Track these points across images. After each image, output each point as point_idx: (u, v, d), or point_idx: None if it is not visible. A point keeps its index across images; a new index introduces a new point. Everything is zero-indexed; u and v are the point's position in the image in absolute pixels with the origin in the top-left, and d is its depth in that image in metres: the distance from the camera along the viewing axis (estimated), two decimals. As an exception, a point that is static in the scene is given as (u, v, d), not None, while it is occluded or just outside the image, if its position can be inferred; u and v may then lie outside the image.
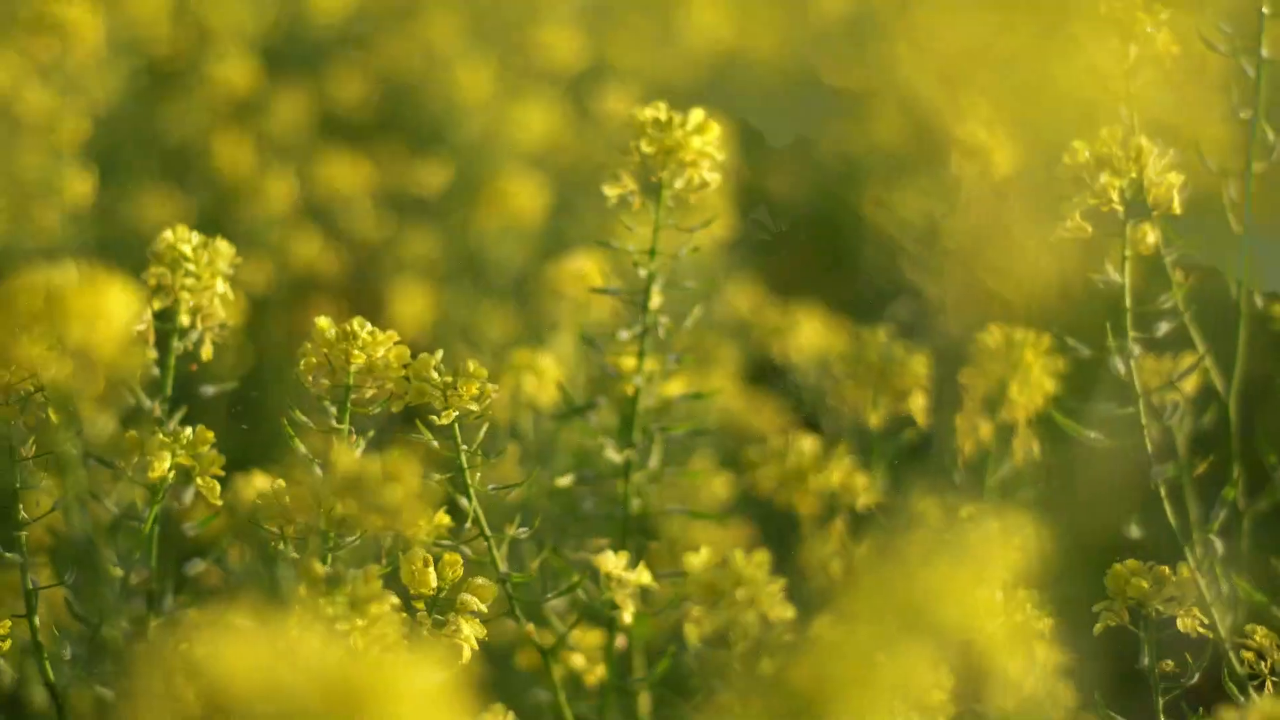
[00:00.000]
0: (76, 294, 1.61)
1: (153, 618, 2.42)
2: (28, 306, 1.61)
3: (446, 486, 2.25)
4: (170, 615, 2.44)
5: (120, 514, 2.38)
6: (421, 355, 2.25)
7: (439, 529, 2.31)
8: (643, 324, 2.47)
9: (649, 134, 2.40)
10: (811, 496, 2.74)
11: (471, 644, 2.16)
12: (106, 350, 1.62)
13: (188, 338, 2.40)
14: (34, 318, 1.61)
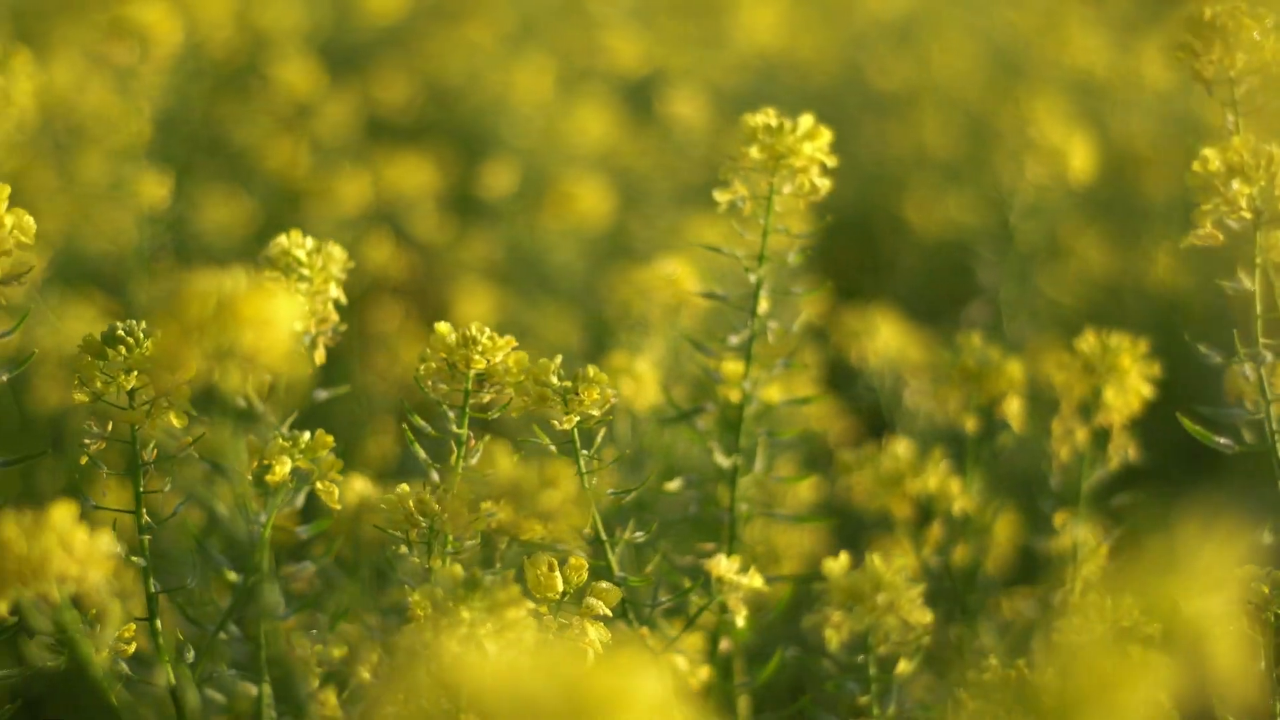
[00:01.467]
0: (247, 301, 1.62)
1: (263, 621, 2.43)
2: (199, 313, 1.61)
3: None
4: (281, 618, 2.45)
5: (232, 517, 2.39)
6: (541, 360, 2.26)
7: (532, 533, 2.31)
8: (751, 329, 2.47)
9: (760, 140, 2.41)
10: (907, 501, 2.75)
11: (596, 648, 2.16)
12: (274, 356, 1.63)
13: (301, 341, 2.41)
14: (204, 324, 1.62)
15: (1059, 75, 5.26)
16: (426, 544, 2.21)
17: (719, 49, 5.12)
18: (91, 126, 3.96)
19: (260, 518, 2.39)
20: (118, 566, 2.13)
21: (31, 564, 1.79)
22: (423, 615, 2.12)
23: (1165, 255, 4.70)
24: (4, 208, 2.08)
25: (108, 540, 1.82)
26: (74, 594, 1.83)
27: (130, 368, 2.15)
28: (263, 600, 2.34)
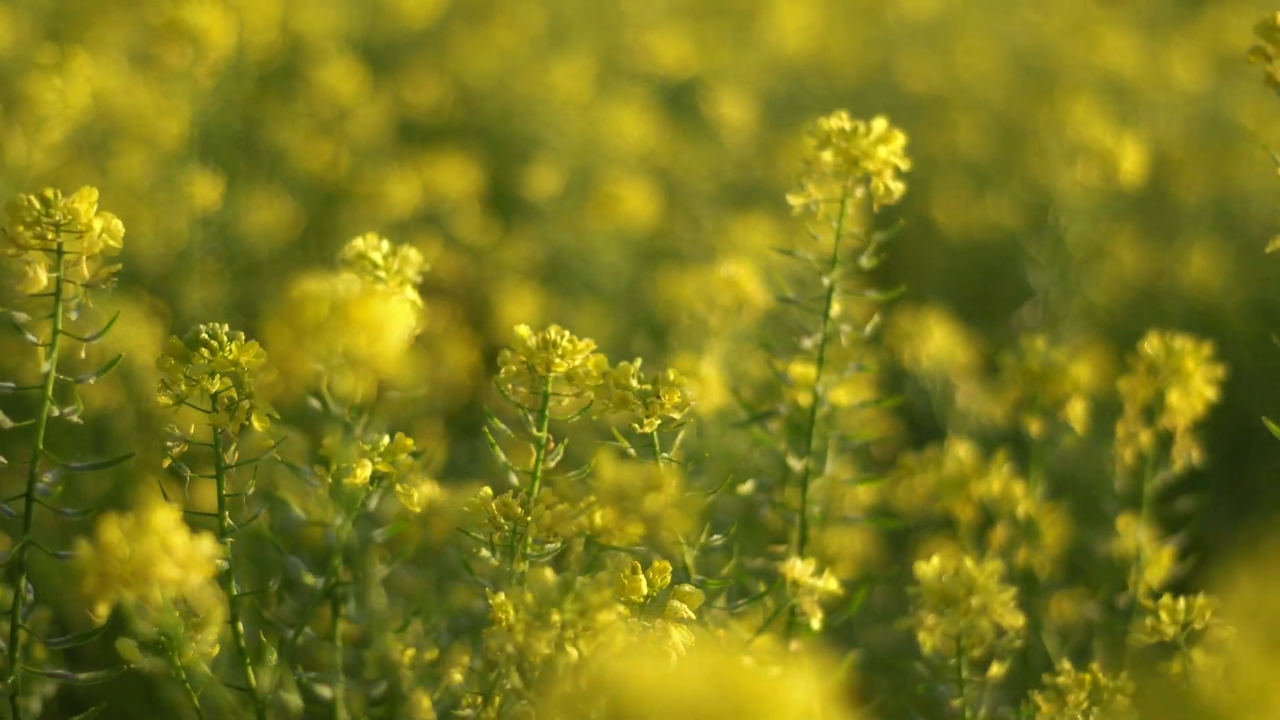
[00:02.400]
0: (361, 305, 1.62)
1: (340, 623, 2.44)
2: (313, 317, 1.62)
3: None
4: (355, 621, 2.46)
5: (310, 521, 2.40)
6: (621, 364, 2.26)
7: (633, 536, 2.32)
8: (824, 332, 2.48)
9: (834, 143, 2.41)
10: (970, 504, 2.76)
11: (680, 650, 2.17)
12: (386, 361, 1.63)
13: (374, 345, 2.42)
14: (317, 328, 1.62)
15: (1090, 77, 5.27)
16: (509, 547, 2.21)
17: (751, 51, 5.12)
18: (135, 128, 3.96)
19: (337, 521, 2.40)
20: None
21: (134, 567, 1.80)
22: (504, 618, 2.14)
23: (1200, 256, 4.71)
24: (93, 211, 2.09)
25: (209, 543, 1.83)
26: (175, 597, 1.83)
27: (214, 371, 2.16)
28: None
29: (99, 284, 2.12)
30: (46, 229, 2.08)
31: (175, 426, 2.21)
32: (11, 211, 2.08)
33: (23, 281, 2.07)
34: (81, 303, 2.13)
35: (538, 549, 2.22)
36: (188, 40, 3.37)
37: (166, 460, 2.20)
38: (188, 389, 2.16)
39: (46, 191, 2.07)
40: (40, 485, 2.13)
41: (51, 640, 2.15)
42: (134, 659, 2.20)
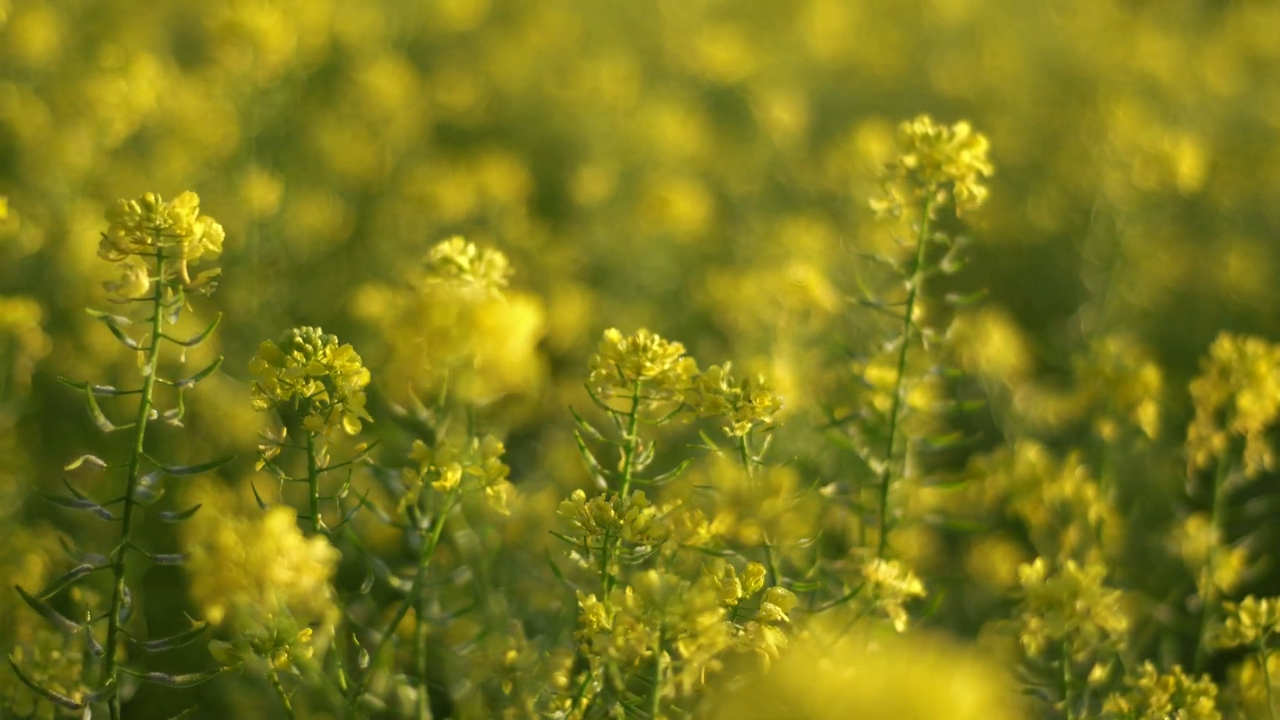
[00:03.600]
0: (488, 311, 1.63)
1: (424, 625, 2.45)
2: (440, 322, 1.63)
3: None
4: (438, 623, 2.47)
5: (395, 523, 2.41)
6: (711, 368, 2.27)
7: (717, 539, 2.33)
8: (904, 336, 2.49)
9: (918, 148, 2.42)
10: (1042, 507, 2.77)
11: (773, 653, 2.18)
12: (511, 366, 1.64)
13: (458, 348, 2.43)
14: (445, 334, 1.63)
15: (1125, 80, 5.29)
16: (601, 550, 2.22)
17: (788, 54, 5.13)
18: (183, 130, 3.97)
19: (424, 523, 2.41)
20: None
21: (250, 570, 1.80)
22: (595, 621, 2.15)
23: (1237, 259, 4.73)
24: (194, 216, 2.09)
25: (322, 546, 1.84)
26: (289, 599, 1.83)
27: (309, 375, 2.17)
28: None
29: (198, 288, 2.12)
30: (147, 233, 2.09)
31: (268, 429, 2.21)
32: (113, 216, 2.09)
33: (124, 286, 2.08)
34: (181, 307, 2.13)
35: (627, 551, 2.24)
36: (247, 43, 3.37)
37: (260, 463, 2.20)
38: (283, 393, 2.17)
39: (148, 196, 2.08)
40: (140, 489, 2.13)
41: (150, 643, 2.15)
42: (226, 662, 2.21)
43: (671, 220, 3.92)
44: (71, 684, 2.37)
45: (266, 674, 2.20)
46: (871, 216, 3.46)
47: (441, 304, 1.63)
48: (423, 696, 2.42)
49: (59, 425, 3.91)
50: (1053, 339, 3.79)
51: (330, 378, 2.19)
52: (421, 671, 2.42)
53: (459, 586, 2.50)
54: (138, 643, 2.15)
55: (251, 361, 2.20)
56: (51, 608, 2.13)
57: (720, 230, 4.11)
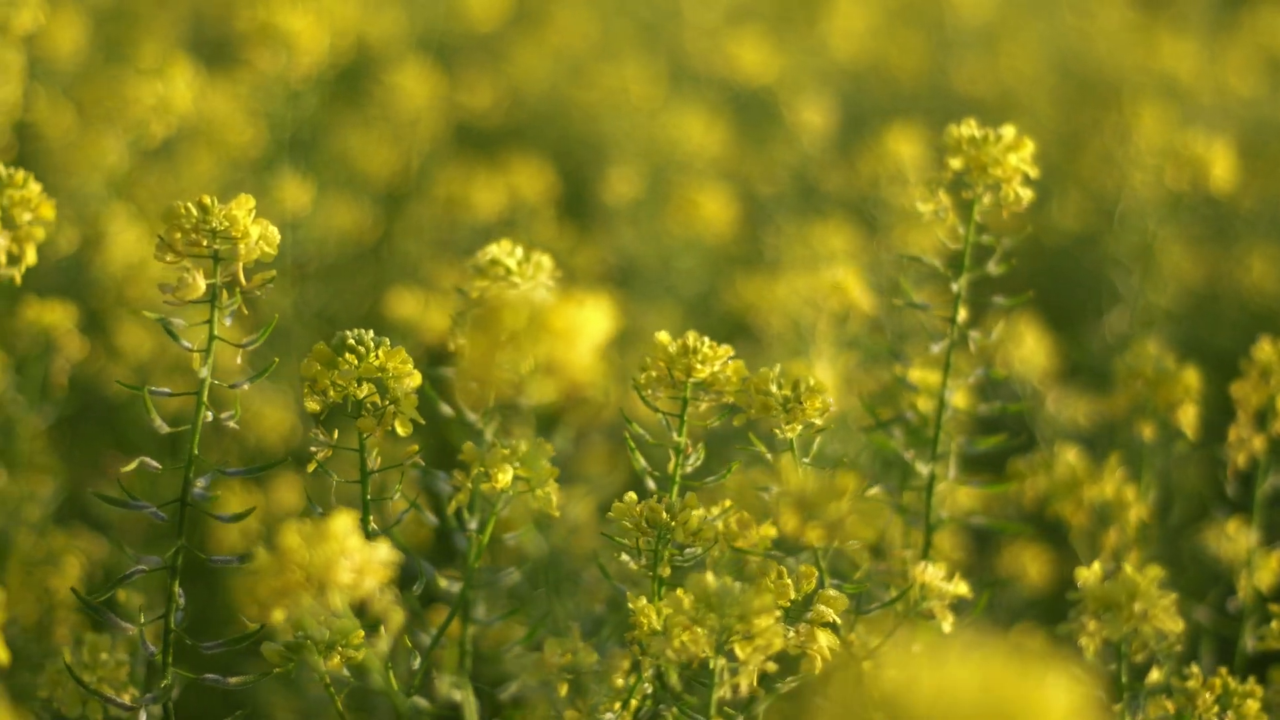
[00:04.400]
0: (558, 314, 1.64)
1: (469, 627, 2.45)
2: (511, 324, 1.63)
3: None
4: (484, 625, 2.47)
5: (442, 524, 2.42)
6: (761, 370, 2.28)
7: (765, 540, 2.34)
8: (950, 338, 2.49)
9: (965, 150, 2.43)
10: (1083, 509, 2.78)
11: (825, 655, 2.18)
12: (580, 368, 1.65)
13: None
14: (516, 336, 1.63)
15: (1146, 82, 5.29)
16: (653, 551, 2.23)
17: (812, 57, 5.14)
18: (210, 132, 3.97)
19: (471, 525, 2.41)
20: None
21: (314, 572, 1.81)
22: (645, 622, 2.15)
23: (1258, 260, 4.73)
24: (250, 219, 2.10)
25: (386, 549, 1.84)
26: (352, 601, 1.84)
27: (361, 377, 2.18)
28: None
29: (254, 290, 2.13)
30: (203, 236, 2.10)
31: (320, 431, 2.22)
32: (169, 219, 2.09)
33: (182, 288, 2.08)
34: (237, 309, 2.13)
35: (677, 553, 2.24)
36: (280, 44, 3.38)
37: (312, 464, 2.21)
38: (335, 394, 2.18)
39: (204, 198, 2.09)
40: (197, 490, 2.14)
41: (206, 645, 2.16)
42: (278, 663, 2.22)
43: (700, 222, 3.93)
44: (119, 685, 2.38)
45: (318, 676, 2.20)
46: (904, 218, 3.48)
47: (512, 306, 1.63)
48: (470, 698, 2.42)
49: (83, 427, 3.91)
50: (1082, 340, 3.80)
51: (382, 380, 2.20)
52: (469, 673, 2.42)
53: (505, 588, 2.51)
54: (192, 644, 2.15)
55: (304, 363, 2.21)
56: (105, 609, 2.13)
57: (748, 232, 4.11)
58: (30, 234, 2.39)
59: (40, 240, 2.40)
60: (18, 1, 3.03)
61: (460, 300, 2.45)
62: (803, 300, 3.16)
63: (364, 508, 2.25)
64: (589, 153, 4.77)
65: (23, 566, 3.03)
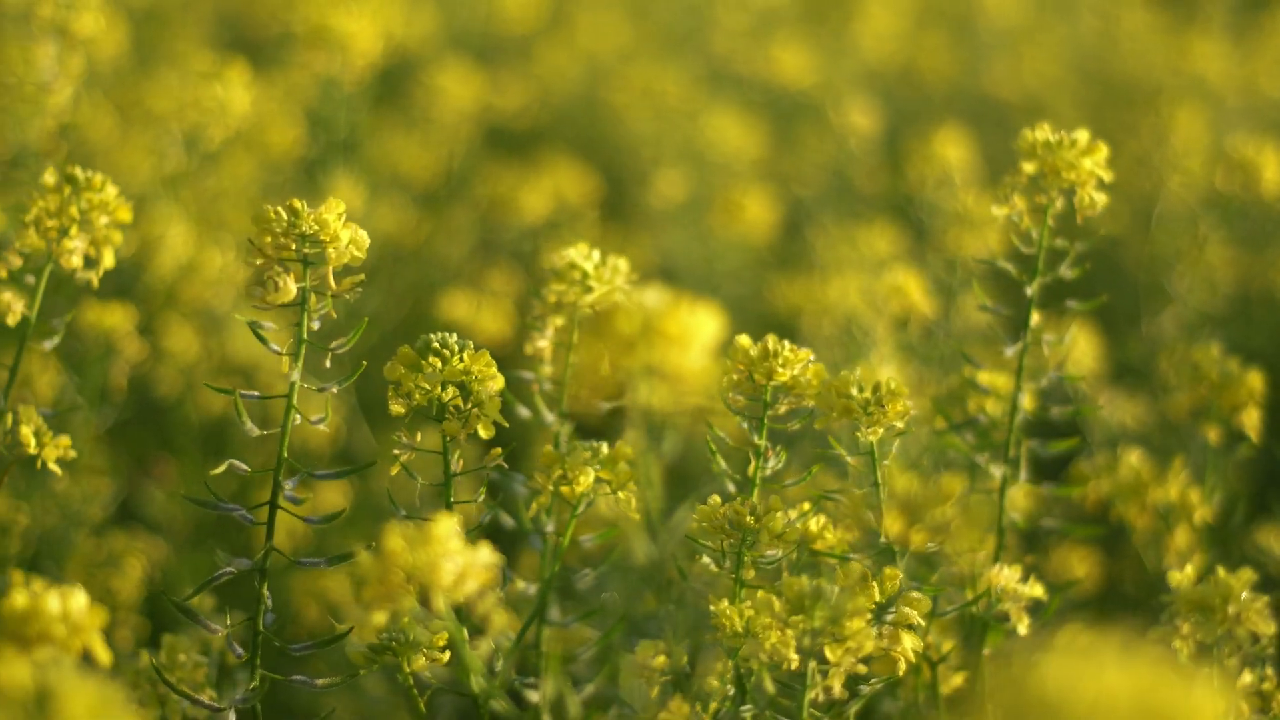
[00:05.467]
0: (671, 318, 1.64)
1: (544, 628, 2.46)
2: (625, 330, 1.64)
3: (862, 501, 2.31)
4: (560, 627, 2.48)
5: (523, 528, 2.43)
6: (842, 373, 2.29)
7: (842, 543, 2.35)
8: (1024, 341, 2.50)
9: (1039, 155, 2.44)
10: (1147, 511, 2.79)
11: (909, 656, 2.19)
12: (693, 372, 1.65)
13: (579, 352, 2.44)
14: (630, 341, 1.64)
15: (1178, 84, 5.30)
16: (736, 554, 2.23)
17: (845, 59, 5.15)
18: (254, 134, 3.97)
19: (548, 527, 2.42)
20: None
21: (417, 575, 1.82)
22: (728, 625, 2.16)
23: (1292, 262, 4.74)
24: (341, 222, 2.10)
25: (488, 551, 1.85)
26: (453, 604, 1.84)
27: (446, 380, 2.18)
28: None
29: (343, 294, 2.14)
30: (292, 240, 2.10)
31: (403, 434, 2.22)
32: (259, 222, 2.10)
33: (273, 292, 2.09)
34: (327, 313, 2.14)
35: (759, 555, 2.25)
36: (334, 47, 3.38)
37: (395, 467, 2.21)
38: (420, 398, 2.18)
39: (294, 202, 2.09)
40: (287, 493, 2.14)
41: (294, 646, 2.17)
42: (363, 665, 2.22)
43: (744, 224, 3.94)
44: (197, 686, 2.39)
45: (402, 678, 2.21)
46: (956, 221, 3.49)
47: (627, 311, 1.64)
48: (546, 700, 2.43)
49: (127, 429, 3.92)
50: (1128, 342, 3.81)
51: (466, 383, 2.21)
52: (540, 673, 2.43)
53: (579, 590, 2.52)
54: (281, 645, 2.16)
55: (387, 366, 2.21)
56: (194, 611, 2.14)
57: (788, 234, 4.11)
58: (108, 237, 2.40)
59: (118, 244, 2.41)
60: (77, 4, 3.03)
61: (537, 305, 2.45)
62: (859, 303, 3.17)
63: (447, 509, 2.26)
64: (620, 154, 4.78)
65: (83, 568, 3.04)
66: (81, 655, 1.80)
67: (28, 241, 2.37)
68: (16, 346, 2.38)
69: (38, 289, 2.39)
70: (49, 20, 3.04)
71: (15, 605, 1.81)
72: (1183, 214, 4.25)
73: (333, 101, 3.66)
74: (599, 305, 2.43)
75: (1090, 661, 1.15)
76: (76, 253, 2.38)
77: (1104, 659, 1.16)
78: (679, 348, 1.67)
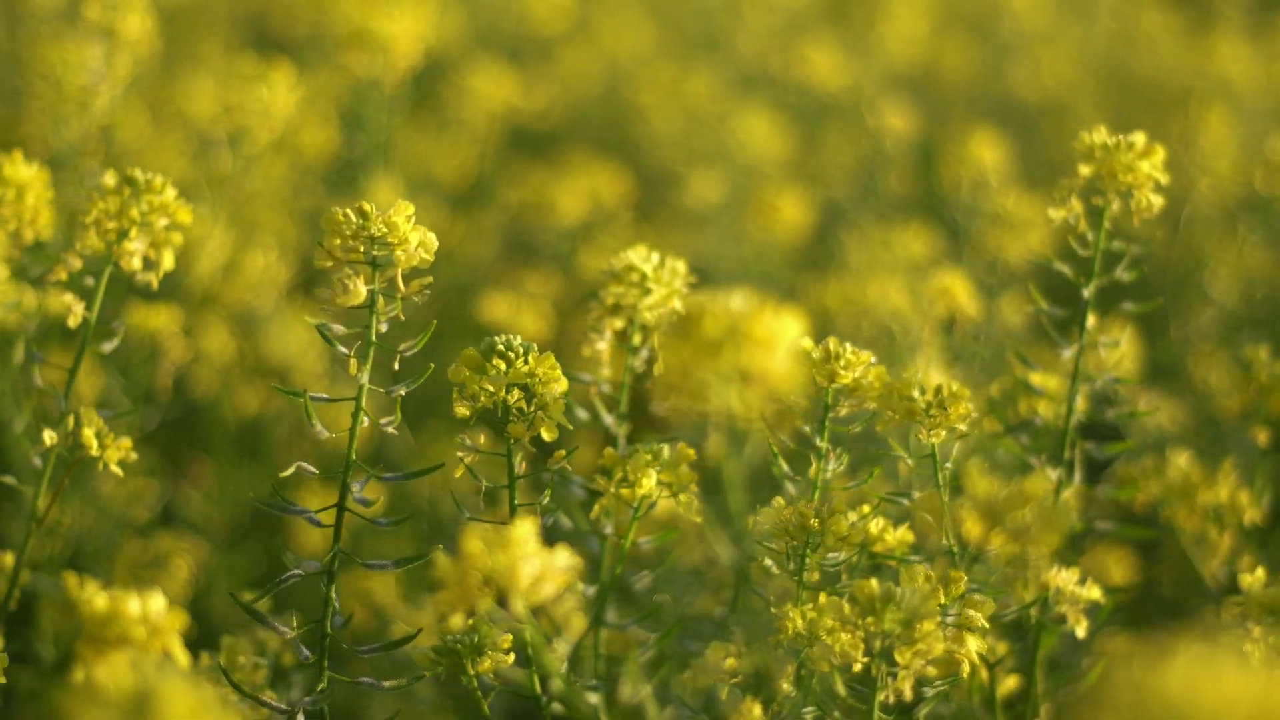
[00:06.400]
0: (757, 321, 1.65)
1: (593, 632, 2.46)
2: (712, 333, 1.64)
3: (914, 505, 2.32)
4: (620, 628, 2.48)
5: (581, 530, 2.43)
6: (904, 375, 2.29)
7: (902, 544, 2.35)
8: (1080, 343, 2.51)
9: (1096, 157, 2.44)
10: (1197, 513, 2.79)
11: (973, 658, 2.20)
12: (778, 375, 1.66)
13: (638, 355, 2.45)
14: (716, 344, 1.65)
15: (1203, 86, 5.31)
16: (800, 556, 2.24)
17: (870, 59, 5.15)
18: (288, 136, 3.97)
19: (606, 529, 2.42)
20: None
21: (495, 577, 1.82)
22: (791, 627, 2.16)
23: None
24: (410, 225, 2.11)
25: (565, 554, 1.85)
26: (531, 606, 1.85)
27: (511, 383, 2.19)
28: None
29: (411, 296, 2.14)
30: (361, 242, 2.11)
31: (467, 436, 2.23)
32: (329, 225, 2.10)
33: (343, 294, 2.09)
34: (396, 316, 2.14)
35: (821, 557, 2.25)
36: (376, 48, 3.38)
37: (459, 469, 2.22)
38: (486, 400, 2.19)
39: (364, 204, 2.10)
40: (356, 495, 2.14)
41: (362, 648, 2.17)
42: (428, 667, 2.23)
43: (779, 225, 3.94)
44: (257, 688, 2.39)
45: (466, 680, 2.22)
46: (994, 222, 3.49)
47: (713, 315, 1.64)
48: (602, 701, 2.43)
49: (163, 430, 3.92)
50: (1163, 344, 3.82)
51: (530, 385, 2.21)
52: (602, 676, 2.44)
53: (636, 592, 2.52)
54: (349, 647, 2.16)
55: (452, 369, 2.22)
56: (261, 613, 2.14)
57: (819, 236, 4.12)
58: (168, 239, 2.40)
59: (177, 246, 2.41)
60: (123, 5, 3.03)
61: (595, 307, 2.46)
62: (900, 304, 3.17)
63: (511, 512, 2.26)
64: (644, 155, 4.78)
65: (129, 569, 3.04)
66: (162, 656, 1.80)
67: (88, 243, 2.37)
68: (77, 349, 2.38)
69: (97, 291, 2.40)
70: (96, 22, 3.05)
71: (96, 607, 1.81)
72: (1212, 216, 4.25)
73: (371, 103, 3.66)
74: (666, 308, 2.44)
75: (1209, 666, 1.15)
76: (136, 255, 2.38)
77: (1222, 664, 1.16)
78: (765, 351, 1.67)
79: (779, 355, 1.67)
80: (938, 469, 2.29)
